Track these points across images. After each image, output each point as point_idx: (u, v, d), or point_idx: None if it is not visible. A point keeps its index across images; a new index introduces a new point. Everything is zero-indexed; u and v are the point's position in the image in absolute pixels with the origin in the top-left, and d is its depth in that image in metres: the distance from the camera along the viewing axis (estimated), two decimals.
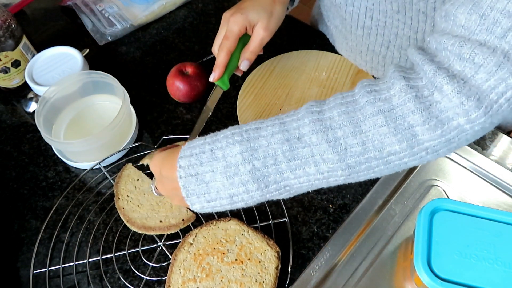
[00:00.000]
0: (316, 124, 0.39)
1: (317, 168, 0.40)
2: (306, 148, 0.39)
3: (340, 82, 0.74)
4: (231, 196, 0.42)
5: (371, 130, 0.38)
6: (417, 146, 0.38)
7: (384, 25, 0.63)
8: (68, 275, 0.57)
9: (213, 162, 0.41)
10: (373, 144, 0.38)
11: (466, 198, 0.63)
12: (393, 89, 0.38)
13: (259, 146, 0.40)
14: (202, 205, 0.43)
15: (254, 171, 0.40)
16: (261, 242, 0.54)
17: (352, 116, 0.39)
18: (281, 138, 0.40)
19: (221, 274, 0.53)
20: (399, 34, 0.63)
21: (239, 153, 0.40)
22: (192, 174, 0.42)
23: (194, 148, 0.43)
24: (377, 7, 0.61)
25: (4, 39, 0.68)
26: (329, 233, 0.59)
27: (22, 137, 0.72)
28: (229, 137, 0.42)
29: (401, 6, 0.58)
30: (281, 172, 0.40)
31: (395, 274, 0.57)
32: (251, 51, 0.63)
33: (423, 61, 0.38)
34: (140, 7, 0.88)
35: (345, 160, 0.39)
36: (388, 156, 0.39)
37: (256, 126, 0.42)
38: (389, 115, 0.38)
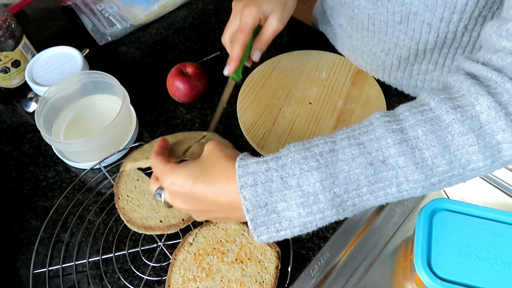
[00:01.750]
0: (402, 145, 0.37)
1: (398, 189, 0.38)
2: (391, 171, 0.38)
3: (340, 82, 0.74)
4: (305, 224, 0.39)
5: (459, 149, 0.37)
6: (498, 161, 0.38)
7: (385, 33, 0.63)
8: (68, 275, 0.57)
9: (285, 192, 0.38)
10: (460, 162, 0.38)
11: (466, 198, 0.63)
12: (479, 105, 0.37)
13: (339, 171, 0.38)
14: (270, 236, 0.39)
15: (334, 199, 0.38)
16: None
17: (440, 136, 0.37)
18: (363, 161, 0.37)
19: (221, 274, 0.53)
20: (399, 44, 0.63)
21: (318, 182, 0.37)
22: (261, 205, 0.38)
23: (257, 175, 0.38)
24: (378, 17, 0.61)
25: (4, 39, 0.68)
26: (329, 233, 0.59)
27: (22, 137, 0.72)
28: (302, 163, 0.38)
29: (404, 17, 0.58)
30: (361, 196, 0.38)
31: (395, 274, 0.57)
32: (264, 42, 0.63)
33: (501, 78, 0.38)
34: (140, 7, 0.88)
35: (429, 180, 0.38)
36: (470, 172, 0.39)
37: (330, 148, 0.39)
38: (479, 134, 0.37)
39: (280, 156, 0.39)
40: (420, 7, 0.54)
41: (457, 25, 0.55)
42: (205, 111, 0.73)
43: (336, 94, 0.72)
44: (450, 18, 0.54)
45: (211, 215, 0.44)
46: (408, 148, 0.37)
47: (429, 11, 0.54)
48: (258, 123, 0.69)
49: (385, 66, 0.69)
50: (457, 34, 0.57)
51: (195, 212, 0.44)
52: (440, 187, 0.40)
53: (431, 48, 0.61)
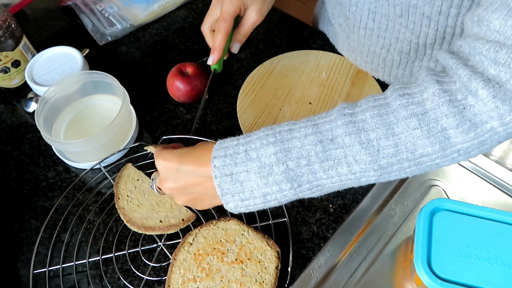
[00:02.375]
0: (349, 126, 0.40)
1: (350, 169, 0.41)
2: (339, 150, 0.40)
3: (340, 82, 0.74)
4: (264, 195, 0.43)
5: (404, 132, 0.39)
6: (450, 148, 0.39)
7: (386, 28, 0.63)
8: (68, 275, 0.57)
9: (247, 163, 0.43)
10: (405, 146, 0.39)
11: (466, 198, 0.63)
12: (426, 92, 0.39)
13: (292, 147, 0.42)
14: (236, 204, 0.44)
15: (287, 171, 0.41)
16: (261, 242, 0.54)
17: (385, 119, 0.40)
18: (314, 139, 0.41)
19: (221, 274, 0.53)
20: (400, 38, 0.63)
21: (273, 154, 0.42)
22: (227, 174, 0.43)
23: (228, 149, 0.44)
24: (380, 10, 0.61)
25: (4, 39, 0.68)
26: (329, 233, 0.59)
27: (22, 137, 0.72)
28: (263, 138, 0.43)
29: (404, 10, 0.58)
30: (314, 172, 0.42)
31: (395, 274, 0.57)
32: (243, 34, 0.65)
33: (457, 65, 0.39)
34: (140, 7, 0.88)
35: (377, 161, 0.40)
36: (420, 158, 0.40)
37: (289, 128, 0.43)
38: (422, 118, 0.39)
39: (250, 134, 0.45)
40: (420, 0, 0.55)
41: (455, 20, 0.55)
42: (205, 111, 0.73)
43: (336, 94, 0.72)
44: (448, 11, 0.54)
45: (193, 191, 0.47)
46: (355, 129, 0.40)
47: (428, 4, 0.55)
48: (258, 123, 0.69)
49: (386, 64, 0.69)
50: (456, 30, 0.57)
51: (179, 191, 0.48)
52: (394, 171, 0.41)
53: (431, 42, 0.61)
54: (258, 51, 0.82)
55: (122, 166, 0.64)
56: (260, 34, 0.85)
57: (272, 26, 0.86)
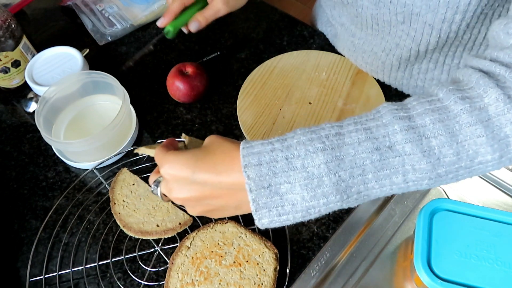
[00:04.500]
0: (409, 132, 0.37)
1: (405, 178, 0.38)
2: (397, 158, 0.37)
3: (340, 82, 0.74)
4: (308, 208, 0.38)
5: (467, 140, 0.37)
6: (506, 155, 0.38)
7: (388, 32, 0.63)
8: (65, 281, 0.56)
9: (289, 173, 0.37)
10: (467, 153, 0.37)
11: (466, 198, 0.63)
12: (488, 97, 0.37)
13: (345, 155, 0.37)
14: (271, 220, 0.39)
15: (339, 183, 0.37)
16: (259, 244, 0.54)
17: (448, 125, 0.37)
18: (369, 146, 0.37)
19: (220, 277, 0.52)
20: (400, 45, 0.63)
21: (323, 163, 0.37)
22: (264, 186, 0.37)
23: (262, 155, 0.38)
24: (381, 17, 0.61)
25: (4, 39, 0.68)
26: (329, 233, 0.59)
27: (22, 137, 0.72)
28: (308, 144, 0.37)
29: (406, 18, 0.58)
30: (367, 183, 0.38)
31: (395, 274, 0.57)
32: (204, 16, 0.65)
33: (510, 73, 0.38)
34: (140, 7, 0.88)
35: (436, 170, 0.37)
36: (477, 165, 0.38)
37: (336, 131, 0.38)
38: (487, 125, 0.36)
39: (286, 138, 0.39)
40: (422, 8, 0.54)
41: (459, 25, 0.55)
42: (205, 111, 0.73)
43: (336, 94, 0.72)
44: (452, 18, 0.54)
45: (208, 202, 0.42)
46: (415, 135, 0.37)
47: (431, 12, 0.54)
48: (258, 123, 0.69)
49: (385, 67, 0.69)
50: (459, 33, 0.57)
51: (191, 201, 0.42)
52: (447, 180, 0.39)
53: (432, 49, 0.61)
54: (258, 51, 0.82)
55: (118, 171, 0.63)
56: (260, 34, 0.85)
57: (272, 26, 0.86)
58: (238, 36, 0.85)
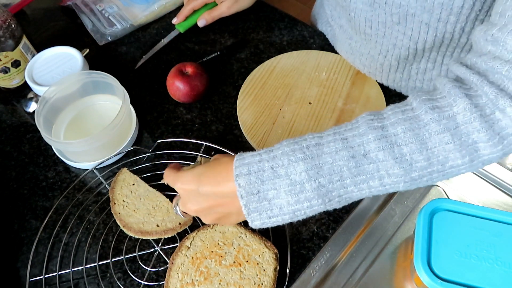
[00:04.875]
0: (382, 141, 0.40)
1: (381, 182, 0.41)
2: (372, 164, 0.40)
3: (340, 82, 0.74)
4: (294, 211, 0.42)
5: (436, 146, 0.40)
6: (477, 159, 0.40)
7: (383, 35, 0.63)
8: (65, 281, 0.56)
9: (275, 180, 0.41)
10: (437, 159, 0.40)
11: (466, 198, 0.63)
12: (456, 106, 0.40)
13: (324, 163, 0.41)
14: (263, 222, 0.43)
15: (319, 188, 0.41)
16: (259, 244, 0.54)
17: (418, 133, 0.40)
18: (346, 155, 0.41)
19: (220, 277, 0.52)
20: (397, 45, 0.63)
21: (304, 171, 0.41)
22: (253, 192, 0.42)
23: (251, 165, 0.42)
24: (376, 18, 0.61)
25: (4, 39, 0.68)
26: (329, 233, 0.59)
27: (22, 137, 0.72)
28: (290, 155, 0.41)
29: (402, 18, 0.58)
30: (346, 187, 0.41)
31: (395, 274, 0.57)
32: (211, 16, 0.81)
33: (481, 82, 0.40)
34: (140, 7, 0.88)
35: (409, 174, 0.40)
36: (450, 169, 0.41)
37: (316, 142, 0.42)
38: (455, 133, 0.39)
39: (272, 149, 0.43)
40: (418, 9, 0.55)
41: (454, 26, 0.55)
42: (205, 111, 0.73)
43: (336, 94, 0.72)
44: (447, 19, 0.54)
45: (216, 211, 0.46)
46: (388, 143, 0.40)
47: (427, 12, 0.54)
48: (258, 123, 0.69)
49: (383, 69, 0.69)
50: (455, 35, 0.57)
51: (203, 212, 0.47)
52: (423, 182, 0.42)
53: (429, 47, 0.61)
54: (258, 51, 0.82)
55: (118, 170, 0.63)
56: (260, 34, 0.85)
57: (272, 26, 0.86)
58: (238, 36, 0.85)
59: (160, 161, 0.66)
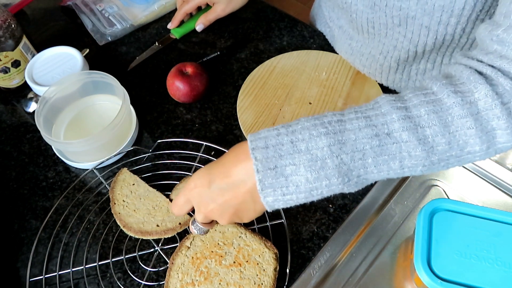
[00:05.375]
0: (406, 121, 0.39)
1: (401, 164, 0.40)
2: (395, 144, 0.39)
3: (340, 82, 0.74)
4: (311, 190, 0.40)
5: (458, 131, 0.39)
6: (493, 147, 0.40)
7: (385, 35, 0.63)
8: (65, 281, 0.56)
9: (294, 155, 0.39)
10: (458, 143, 0.40)
11: (466, 198, 0.63)
12: (478, 92, 0.39)
13: (347, 139, 0.39)
14: (275, 198, 0.41)
15: (341, 166, 0.39)
16: (259, 244, 0.54)
17: (441, 116, 0.39)
18: (369, 132, 0.39)
19: (220, 277, 0.52)
20: (397, 47, 0.63)
21: (326, 146, 0.39)
22: (270, 167, 0.39)
23: (268, 139, 0.40)
24: (377, 20, 0.61)
25: (4, 39, 0.68)
26: (329, 233, 0.59)
27: (22, 137, 0.72)
28: (312, 129, 0.40)
29: (402, 20, 0.58)
30: (366, 167, 0.40)
31: (395, 274, 0.57)
32: (207, 19, 0.83)
33: (495, 74, 0.40)
34: (140, 7, 0.88)
35: (430, 158, 0.40)
36: (467, 155, 0.41)
37: (338, 119, 0.41)
38: (477, 118, 0.39)
39: (291, 124, 0.41)
40: (418, 12, 0.55)
41: (455, 28, 0.55)
42: (205, 111, 0.73)
43: (336, 94, 0.72)
44: (448, 21, 0.54)
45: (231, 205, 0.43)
46: (412, 124, 0.39)
47: (427, 15, 0.54)
48: (258, 123, 0.69)
49: (383, 69, 0.69)
50: (455, 36, 0.57)
51: (219, 210, 0.44)
52: (439, 168, 0.42)
53: (430, 49, 0.61)
54: (258, 51, 0.82)
55: (118, 171, 0.63)
56: (260, 34, 0.85)
57: (272, 26, 0.86)
58: (238, 36, 0.85)
59: (160, 161, 0.66)
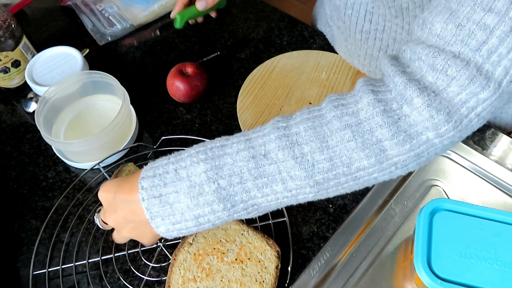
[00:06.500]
0: (282, 140, 0.38)
1: (285, 186, 0.38)
2: (272, 165, 0.38)
3: (340, 82, 0.74)
4: (196, 217, 0.40)
5: (338, 145, 0.37)
6: (386, 161, 0.38)
7: (383, 29, 0.63)
8: (68, 275, 0.57)
9: (177, 183, 0.39)
10: (341, 159, 0.37)
11: (466, 198, 0.63)
12: (361, 102, 0.38)
13: (224, 164, 0.39)
14: (167, 228, 0.40)
15: (219, 191, 0.38)
16: (261, 241, 0.54)
17: (319, 131, 0.38)
18: (246, 155, 0.39)
19: (221, 274, 0.53)
20: (397, 39, 0.63)
21: (203, 172, 0.39)
22: (155, 195, 0.40)
23: (157, 168, 0.41)
24: (377, 11, 0.61)
25: (4, 39, 0.68)
26: (329, 233, 0.59)
27: (22, 137, 0.72)
28: (193, 156, 0.40)
29: (399, 12, 0.58)
30: (248, 191, 0.39)
31: (395, 274, 0.57)
32: None
33: (394, 72, 0.38)
34: (140, 7, 0.88)
35: (313, 177, 0.38)
36: (357, 172, 0.38)
37: (221, 144, 0.40)
38: (356, 130, 0.37)
39: (181, 152, 0.42)
40: (410, 3, 0.55)
41: None
42: (205, 111, 0.73)
43: None
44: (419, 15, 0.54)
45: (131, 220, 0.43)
46: (288, 142, 0.38)
47: (418, 7, 0.55)
48: (258, 123, 0.69)
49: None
50: None
51: (120, 222, 0.44)
52: (332, 189, 0.39)
53: None
54: (258, 51, 0.82)
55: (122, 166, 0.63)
56: (260, 34, 0.85)
57: (272, 26, 0.86)
58: (238, 36, 0.85)
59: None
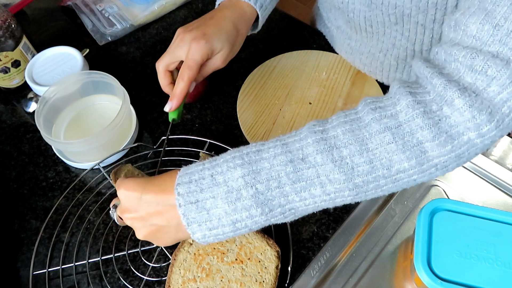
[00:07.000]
0: (320, 143, 0.38)
1: (323, 190, 0.38)
2: (311, 169, 0.38)
3: (340, 82, 0.74)
4: (234, 222, 0.40)
5: (378, 147, 0.37)
6: (427, 163, 0.37)
7: (383, 33, 0.63)
8: (68, 275, 0.56)
9: (213, 188, 0.39)
10: (380, 162, 0.37)
11: (466, 198, 0.63)
12: (399, 105, 0.38)
13: (261, 168, 0.39)
14: (203, 234, 0.41)
15: (257, 195, 0.39)
16: (261, 241, 0.54)
17: (357, 134, 0.38)
18: (284, 159, 0.39)
19: (221, 274, 0.53)
20: (396, 45, 0.63)
21: (240, 177, 0.39)
22: (192, 201, 0.40)
23: (193, 174, 0.41)
24: (375, 18, 0.61)
25: (4, 39, 0.68)
26: (329, 233, 0.59)
27: (22, 137, 0.72)
28: (230, 161, 0.40)
29: (399, 19, 0.58)
30: (286, 195, 0.39)
31: (395, 274, 0.57)
32: (202, 75, 0.60)
33: (431, 74, 0.37)
34: (140, 7, 0.88)
35: (352, 180, 0.38)
36: (397, 174, 0.38)
37: (257, 149, 0.40)
38: (396, 132, 0.37)
39: (216, 158, 0.42)
40: (413, 9, 0.54)
41: None
42: (205, 111, 0.73)
43: (336, 94, 0.72)
44: (442, 19, 0.54)
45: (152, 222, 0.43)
46: (326, 146, 0.38)
47: (422, 13, 0.54)
48: (258, 123, 0.69)
49: (384, 67, 0.69)
50: None
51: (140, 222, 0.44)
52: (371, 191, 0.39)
53: (427, 49, 0.61)
54: (258, 51, 0.82)
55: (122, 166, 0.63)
56: (260, 34, 0.84)
57: (272, 26, 0.86)
58: None
59: (164, 157, 0.66)
